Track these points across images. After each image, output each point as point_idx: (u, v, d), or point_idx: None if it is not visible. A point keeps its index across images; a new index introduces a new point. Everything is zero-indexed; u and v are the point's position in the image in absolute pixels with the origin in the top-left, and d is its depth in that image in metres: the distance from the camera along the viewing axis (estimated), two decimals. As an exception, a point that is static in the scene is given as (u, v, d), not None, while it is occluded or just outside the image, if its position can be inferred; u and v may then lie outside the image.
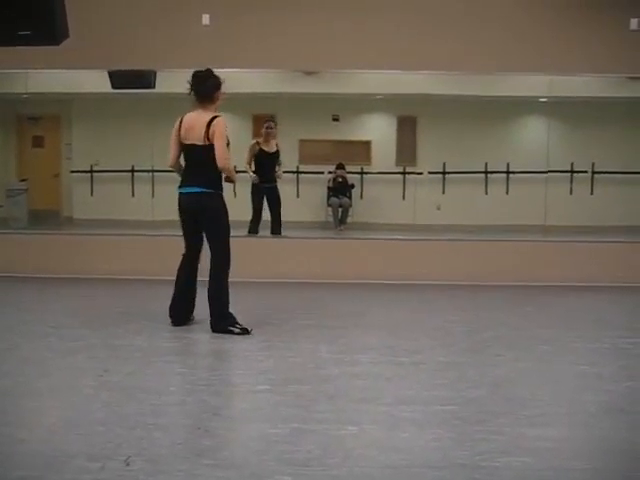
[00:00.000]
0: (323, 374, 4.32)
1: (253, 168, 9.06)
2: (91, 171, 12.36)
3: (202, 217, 5.33)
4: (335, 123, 12.23)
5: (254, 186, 9.22)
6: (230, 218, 5.43)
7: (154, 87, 9.29)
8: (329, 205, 11.85)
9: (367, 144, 12.50)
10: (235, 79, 5.57)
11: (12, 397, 3.84)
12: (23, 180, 12.12)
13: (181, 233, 5.52)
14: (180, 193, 5.39)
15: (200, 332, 5.40)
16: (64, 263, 8.24)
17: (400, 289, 7.69)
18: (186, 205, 5.35)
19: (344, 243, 9.33)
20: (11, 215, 11.23)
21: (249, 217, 9.03)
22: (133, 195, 12.27)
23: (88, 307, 6.56)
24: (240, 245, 5.41)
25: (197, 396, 3.90)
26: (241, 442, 3.30)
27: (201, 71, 5.41)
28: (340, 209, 11.68)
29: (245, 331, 5.22)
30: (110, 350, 4.88)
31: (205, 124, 5.23)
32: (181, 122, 5.38)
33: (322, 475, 2.82)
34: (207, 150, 5.24)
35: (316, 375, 4.32)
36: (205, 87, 5.38)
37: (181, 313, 5.52)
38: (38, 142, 13.10)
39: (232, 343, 5.10)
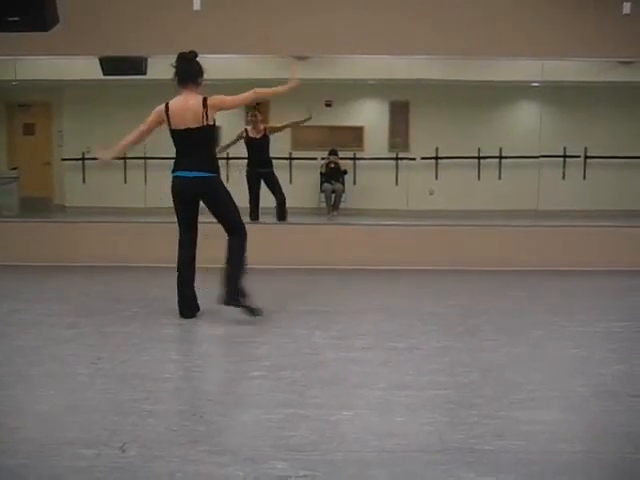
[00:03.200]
0: (318, 359, 4.33)
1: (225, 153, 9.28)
2: (83, 158, 12.30)
3: (207, 201, 5.30)
4: (327, 109, 12.18)
5: (249, 172, 9.24)
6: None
7: (145, 73, 9.24)
8: (322, 191, 11.82)
9: (360, 130, 12.46)
10: (228, 65, 5.54)
11: (4, 386, 3.83)
12: (14, 168, 12.04)
13: (174, 220, 5.48)
14: (176, 177, 5.29)
15: (194, 319, 5.40)
16: (56, 251, 8.21)
17: (393, 274, 7.69)
18: (183, 188, 5.27)
19: (337, 229, 9.32)
20: (2, 203, 11.17)
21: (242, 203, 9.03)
22: (125, 182, 12.22)
23: (81, 295, 6.55)
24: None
25: (192, 382, 3.90)
26: (236, 428, 3.31)
27: (187, 53, 5.35)
28: (333, 195, 11.65)
29: (256, 311, 5.20)
30: (104, 337, 4.87)
31: (200, 105, 5.19)
32: (167, 109, 5.30)
33: (317, 460, 2.83)
34: (205, 132, 5.20)
35: (311, 361, 4.33)
36: (193, 69, 5.33)
37: (192, 304, 5.43)
38: (29, 130, 13.00)
39: (227, 329, 5.10)
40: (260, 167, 9.19)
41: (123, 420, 3.25)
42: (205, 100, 5.22)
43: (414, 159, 12.19)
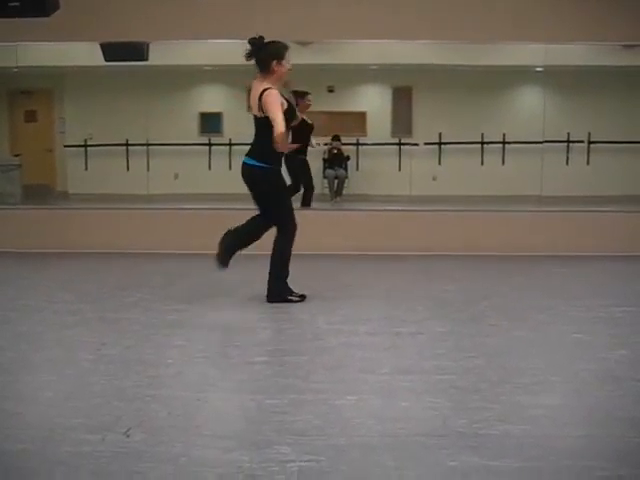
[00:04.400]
0: (321, 345, 4.34)
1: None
2: (85, 145, 12.29)
3: (252, 192, 5.29)
4: (330, 94, 12.14)
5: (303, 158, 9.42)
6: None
7: (147, 59, 9.20)
8: (325, 177, 11.81)
9: (362, 115, 12.42)
10: (232, 50, 5.49)
11: (8, 371, 3.84)
12: (16, 155, 12.03)
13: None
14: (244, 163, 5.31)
15: (197, 305, 5.41)
16: (59, 238, 8.21)
17: (397, 260, 7.69)
18: (242, 175, 5.29)
19: (340, 215, 9.31)
20: (5, 190, 11.15)
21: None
22: (128, 169, 12.21)
23: (84, 281, 6.56)
24: (235, 218, 5.39)
25: (195, 368, 3.91)
26: (239, 413, 3.31)
27: (254, 39, 5.19)
28: (336, 181, 11.64)
29: (302, 297, 5.38)
30: (107, 324, 4.88)
31: (257, 96, 5.08)
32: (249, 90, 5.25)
33: (321, 445, 2.84)
34: (261, 123, 5.11)
35: (314, 346, 4.33)
36: (259, 56, 5.17)
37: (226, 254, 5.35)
38: (31, 116, 12.98)
39: (230, 315, 5.11)
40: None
41: (127, 405, 3.26)
42: (263, 92, 5.07)
43: (417, 145, 12.16)
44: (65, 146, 12.53)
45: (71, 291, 6.02)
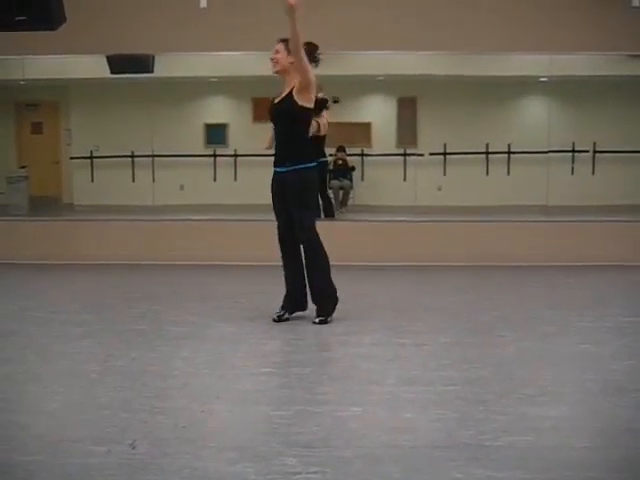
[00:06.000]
0: (327, 356, 4.34)
1: None
2: (91, 157, 12.34)
3: (301, 195, 5.17)
4: (335, 105, 12.17)
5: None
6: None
7: (152, 71, 9.26)
8: (330, 188, 11.81)
9: (367, 126, 12.44)
10: (237, 62, 5.53)
11: (15, 383, 3.85)
12: (23, 167, 12.09)
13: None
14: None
15: (203, 316, 5.42)
16: (65, 249, 8.25)
17: (401, 271, 7.69)
18: (288, 184, 5.12)
19: (345, 225, 9.32)
20: (12, 202, 11.21)
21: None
22: (133, 180, 12.25)
23: (90, 293, 6.58)
24: (241, 230, 5.39)
25: (201, 379, 3.91)
26: (245, 424, 3.31)
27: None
28: (341, 192, 11.64)
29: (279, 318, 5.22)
30: (113, 335, 4.89)
31: (289, 91, 5.08)
32: None
33: (326, 456, 2.84)
34: (296, 118, 5.07)
35: (320, 357, 4.33)
36: None
37: (298, 300, 5.25)
38: (37, 129, 13.05)
39: (236, 327, 5.11)
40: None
41: (133, 417, 3.27)
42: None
43: (422, 155, 12.17)
44: (71, 158, 12.58)
45: (77, 302, 6.04)
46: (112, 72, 9.16)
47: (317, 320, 5.08)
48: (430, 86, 11.44)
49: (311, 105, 5.00)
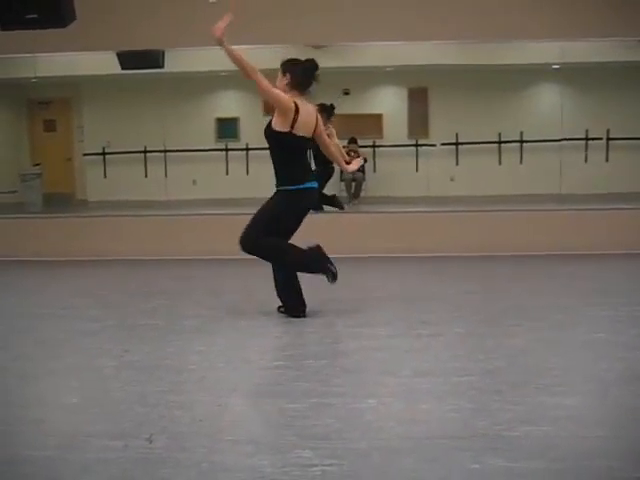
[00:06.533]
0: (341, 348, 4.34)
1: None
2: (103, 153, 12.40)
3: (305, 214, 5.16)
4: (346, 97, 12.14)
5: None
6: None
7: (163, 67, 9.28)
8: (342, 180, 11.81)
9: (379, 117, 12.42)
10: (247, 55, 5.49)
11: (31, 379, 3.88)
12: (37, 164, 12.17)
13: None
14: (309, 189, 5.01)
15: (217, 310, 5.43)
16: (79, 245, 8.30)
17: (414, 261, 7.68)
18: (312, 201, 5.12)
19: (358, 217, 9.31)
20: (26, 199, 11.31)
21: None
22: (146, 176, 12.30)
23: (103, 288, 6.61)
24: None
25: (216, 373, 3.93)
26: (261, 418, 3.33)
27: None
28: (353, 183, 11.63)
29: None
30: (128, 330, 4.92)
31: (316, 117, 5.03)
32: (297, 110, 4.85)
33: (342, 448, 2.84)
34: (310, 144, 5.13)
35: (334, 349, 4.34)
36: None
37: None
38: (50, 126, 13.13)
39: (249, 320, 5.12)
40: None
41: (149, 411, 3.28)
42: (317, 114, 5.08)
43: (434, 145, 12.13)
44: (84, 154, 12.65)
45: (91, 298, 6.07)
46: (123, 68, 9.19)
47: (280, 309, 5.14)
48: (441, 76, 11.41)
49: (284, 129, 4.83)
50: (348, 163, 5.45)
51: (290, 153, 4.95)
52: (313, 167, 5.36)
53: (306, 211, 5.08)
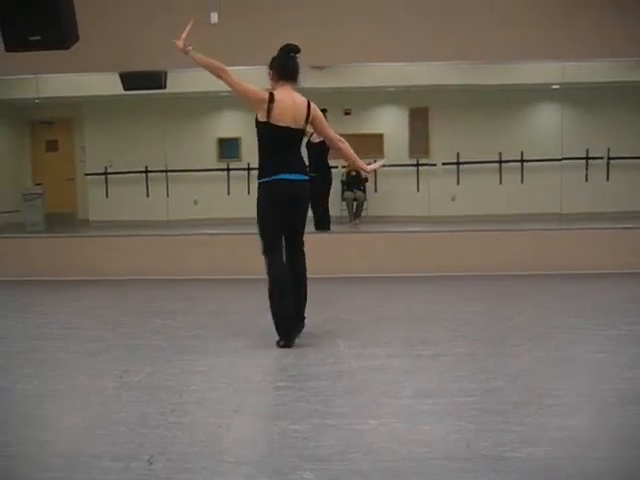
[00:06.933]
0: (342, 369, 4.33)
1: None
2: (105, 173, 12.44)
3: (300, 208, 4.99)
4: (347, 117, 12.20)
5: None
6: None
7: (165, 87, 9.33)
8: (343, 199, 11.84)
9: (379, 137, 12.47)
10: (247, 76, 5.53)
11: (33, 399, 3.87)
12: (38, 184, 12.21)
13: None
14: (281, 180, 4.79)
15: (218, 330, 5.43)
16: (81, 265, 8.31)
17: (416, 281, 7.67)
18: (284, 192, 4.81)
19: (359, 237, 9.32)
20: (28, 219, 11.34)
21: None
22: (148, 195, 12.33)
23: (105, 308, 6.61)
24: (255, 243, 5.40)
25: (217, 394, 3.91)
26: (262, 439, 3.31)
27: (294, 45, 5.00)
28: (354, 203, 11.66)
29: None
30: (129, 350, 4.91)
31: (305, 107, 4.88)
32: (272, 99, 4.78)
33: (344, 470, 2.83)
34: (301, 135, 4.96)
35: (335, 370, 4.32)
36: (298, 65, 4.98)
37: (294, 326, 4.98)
38: (52, 146, 13.20)
39: (250, 341, 5.11)
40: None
41: (150, 433, 3.27)
42: (309, 104, 4.91)
43: (435, 165, 12.17)
44: (86, 174, 12.70)
45: (93, 318, 6.07)
46: (125, 89, 9.24)
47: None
48: (441, 96, 11.46)
49: (262, 118, 4.79)
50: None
51: (270, 144, 4.83)
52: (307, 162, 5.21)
53: (282, 201, 4.81)
